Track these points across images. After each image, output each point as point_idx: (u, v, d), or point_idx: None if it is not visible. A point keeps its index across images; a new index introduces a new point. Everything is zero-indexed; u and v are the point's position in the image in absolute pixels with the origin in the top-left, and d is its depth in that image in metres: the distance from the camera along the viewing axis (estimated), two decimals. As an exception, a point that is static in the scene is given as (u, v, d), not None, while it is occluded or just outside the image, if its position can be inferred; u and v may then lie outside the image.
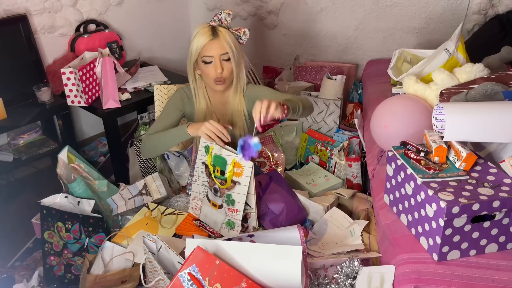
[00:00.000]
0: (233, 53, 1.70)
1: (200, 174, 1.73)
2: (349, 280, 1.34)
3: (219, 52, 1.69)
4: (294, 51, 3.07)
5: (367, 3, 2.68)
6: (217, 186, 1.65)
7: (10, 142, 2.42)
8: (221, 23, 1.71)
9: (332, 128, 2.54)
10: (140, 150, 1.89)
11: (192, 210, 1.79)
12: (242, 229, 1.64)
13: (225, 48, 1.69)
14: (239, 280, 1.20)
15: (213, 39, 1.68)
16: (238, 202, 1.61)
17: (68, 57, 2.53)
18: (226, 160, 1.61)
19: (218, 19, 1.71)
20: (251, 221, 1.65)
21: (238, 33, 1.73)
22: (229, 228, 1.64)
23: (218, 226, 1.68)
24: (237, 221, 1.63)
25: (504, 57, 2.05)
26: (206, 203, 1.72)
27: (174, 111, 1.86)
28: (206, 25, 1.72)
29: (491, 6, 2.41)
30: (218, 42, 1.68)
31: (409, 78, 1.75)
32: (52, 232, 1.78)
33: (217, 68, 1.70)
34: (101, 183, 1.98)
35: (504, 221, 1.23)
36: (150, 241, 1.40)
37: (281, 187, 1.75)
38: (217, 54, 1.69)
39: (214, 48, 1.69)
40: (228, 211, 1.65)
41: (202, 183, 1.73)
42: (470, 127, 1.31)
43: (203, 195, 1.74)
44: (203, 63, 1.72)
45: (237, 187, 1.61)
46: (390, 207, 1.50)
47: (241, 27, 1.76)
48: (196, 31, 1.72)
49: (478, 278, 1.19)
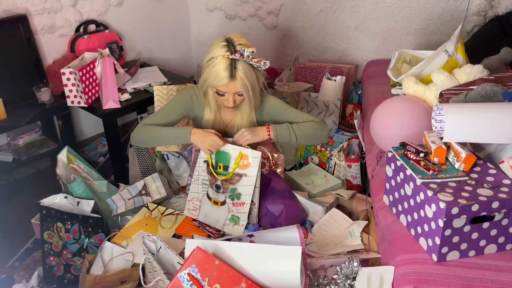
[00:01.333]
0: (247, 93, 1.66)
1: (200, 173, 1.73)
2: (348, 280, 1.35)
3: (233, 91, 1.66)
4: (293, 52, 3.07)
5: (367, 4, 2.68)
6: (219, 183, 1.66)
7: (10, 142, 2.42)
8: (243, 57, 1.62)
9: (331, 128, 2.54)
10: (131, 136, 1.81)
11: (188, 212, 1.78)
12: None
13: (239, 89, 1.65)
14: (238, 280, 1.20)
15: (230, 81, 1.62)
16: (244, 195, 1.63)
17: (68, 58, 2.53)
18: (231, 154, 1.64)
19: (240, 54, 1.61)
20: (252, 218, 1.66)
21: (258, 64, 1.65)
22: (233, 223, 1.65)
23: (220, 224, 1.68)
24: (242, 215, 1.64)
25: (504, 58, 2.05)
26: (207, 202, 1.72)
27: (178, 109, 1.83)
28: (226, 54, 1.61)
29: (490, 7, 2.42)
30: (234, 83, 1.63)
31: (408, 79, 1.75)
32: (51, 232, 1.78)
33: (229, 103, 1.69)
34: (101, 183, 1.99)
35: (503, 222, 1.23)
36: (149, 242, 1.41)
37: (280, 188, 1.76)
38: (231, 92, 1.67)
39: (229, 88, 1.65)
40: (232, 206, 1.66)
41: (202, 182, 1.73)
42: (469, 128, 1.31)
43: (202, 195, 1.74)
44: (216, 93, 1.70)
45: (243, 179, 1.63)
46: (389, 208, 1.50)
47: (263, 59, 1.65)
48: (215, 59, 1.62)
49: (477, 279, 1.19)
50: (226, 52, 1.61)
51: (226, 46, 1.63)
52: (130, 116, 3.01)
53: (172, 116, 1.82)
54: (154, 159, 2.27)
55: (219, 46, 1.64)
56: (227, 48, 1.62)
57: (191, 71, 3.43)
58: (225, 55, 1.61)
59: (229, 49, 1.62)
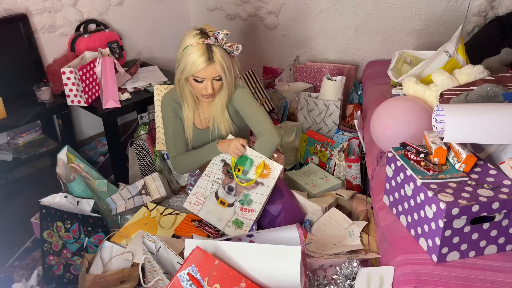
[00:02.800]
0: (225, 75, 1.67)
1: (214, 170, 1.73)
2: (348, 281, 1.34)
3: (211, 75, 1.66)
4: (294, 52, 3.07)
5: (367, 4, 2.68)
6: (233, 185, 1.67)
7: (10, 142, 2.42)
8: (217, 42, 1.64)
9: (331, 129, 2.54)
10: (175, 170, 1.95)
11: (189, 205, 1.76)
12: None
13: (218, 72, 1.66)
14: (238, 280, 1.20)
15: (209, 64, 1.63)
16: (256, 203, 1.66)
17: (68, 57, 2.53)
18: (254, 161, 1.68)
19: (215, 38, 1.63)
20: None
21: (231, 49, 1.67)
22: (236, 226, 1.66)
23: (222, 224, 1.69)
24: (248, 221, 1.65)
25: (504, 58, 2.05)
26: (212, 201, 1.72)
27: (173, 121, 1.86)
28: (201, 40, 1.63)
29: (491, 8, 2.42)
30: (213, 66, 1.64)
31: (409, 80, 1.75)
32: (51, 231, 1.78)
33: (208, 89, 1.68)
34: (101, 183, 1.98)
35: (503, 223, 1.23)
36: (149, 241, 1.40)
37: (279, 188, 1.76)
38: (209, 77, 1.67)
39: (208, 72, 1.65)
40: (240, 210, 1.67)
41: (214, 179, 1.73)
42: (470, 129, 1.31)
43: (210, 192, 1.73)
44: (194, 80, 1.69)
45: (259, 187, 1.67)
46: (389, 208, 1.50)
47: (235, 43, 1.69)
48: (191, 47, 1.64)
49: (477, 279, 1.19)
50: (200, 39, 1.63)
51: (198, 33, 1.65)
52: (130, 116, 3.01)
53: (176, 130, 1.86)
54: (154, 158, 2.27)
55: (191, 35, 1.66)
56: (200, 35, 1.65)
57: (191, 71, 3.42)
58: (199, 41, 1.63)
59: (202, 36, 1.64)
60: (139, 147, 2.31)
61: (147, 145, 2.30)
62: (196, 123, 1.87)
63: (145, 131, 2.37)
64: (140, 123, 2.47)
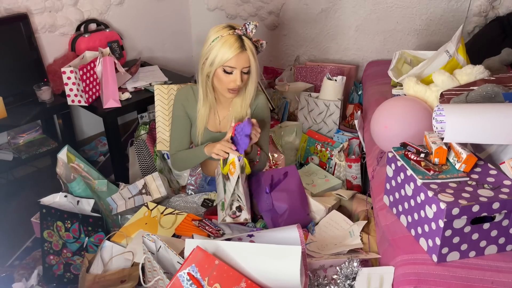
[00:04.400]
0: (255, 68, 1.66)
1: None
2: (348, 281, 1.34)
3: (242, 65, 1.64)
4: (294, 52, 3.07)
5: (368, 4, 2.68)
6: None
7: (10, 141, 2.42)
8: (246, 33, 1.64)
9: (332, 129, 2.54)
10: (172, 166, 2.00)
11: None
12: (233, 216, 1.67)
13: (249, 62, 1.65)
14: (238, 280, 1.20)
15: (241, 52, 1.62)
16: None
17: (69, 57, 2.53)
18: (229, 156, 1.70)
19: (245, 29, 1.64)
20: (243, 214, 1.67)
21: (256, 44, 1.68)
22: (220, 208, 1.70)
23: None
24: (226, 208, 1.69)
25: (505, 59, 2.05)
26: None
27: (181, 120, 1.85)
28: (231, 31, 1.62)
29: (491, 8, 2.42)
30: (245, 55, 1.63)
31: (409, 80, 1.75)
32: (51, 231, 1.78)
33: (237, 81, 1.65)
34: (101, 182, 1.98)
35: (503, 223, 1.23)
36: (149, 241, 1.40)
37: (293, 187, 1.74)
38: (240, 67, 1.64)
39: (239, 62, 1.63)
40: None
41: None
42: (470, 129, 1.31)
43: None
44: (223, 71, 1.66)
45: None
46: (389, 208, 1.50)
47: (260, 39, 1.70)
48: (221, 37, 1.62)
49: (477, 279, 1.19)
50: (230, 30, 1.63)
51: (227, 27, 1.65)
52: (131, 116, 3.01)
53: (183, 129, 1.87)
54: (154, 158, 2.27)
55: (219, 28, 1.65)
56: (229, 28, 1.64)
57: (192, 71, 3.43)
58: (229, 32, 1.62)
59: (231, 28, 1.64)
60: (140, 146, 2.31)
61: (148, 144, 2.30)
62: (209, 125, 1.85)
63: (145, 131, 2.37)
64: (140, 122, 2.47)
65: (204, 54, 1.68)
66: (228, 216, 1.68)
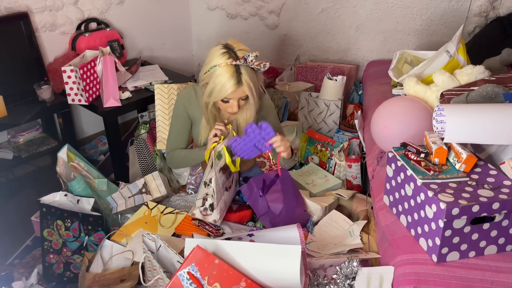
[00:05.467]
0: (252, 96, 1.65)
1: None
2: (348, 280, 1.34)
3: (239, 96, 1.64)
4: (294, 52, 3.07)
5: (368, 4, 2.68)
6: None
7: (10, 140, 2.42)
8: (246, 63, 1.60)
9: (332, 128, 2.54)
10: (167, 163, 1.97)
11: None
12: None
13: (246, 93, 1.63)
14: (238, 279, 1.20)
15: (237, 87, 1.59)
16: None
17: (69, 55, 2.54)
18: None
19: (244, 60, 1.58)
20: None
21: (258, 67, 1.63)
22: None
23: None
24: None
25: (505, 59, 2.05)
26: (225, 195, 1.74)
27: (181, 120, 1.84)
28: (229, 62, 1.57)
29: (492, 8, 2.42)
30: (241, 89, 1.61)
31: (409, 80, 1.75)
32: (51, 230, 1.78)
33: (234, 108, 1.66)
34: (101, 181, 1.98)
35: (503, 223, 1.23)
36: (149, 240, 1.40)
37: (286, 187, 1.74)
38: (236, 98, 1.64)
39: (235, 94, 1.62)
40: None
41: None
42: (470, 129, 1.31)
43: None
44: (220, 100, 1.66)
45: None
46: (389, 208, 1.50)
47: (263, 61, 1.63)
48: (219, 67, 1.58)
49: (477, 279, 1.19)
50: (228, 59, 1.57)
51: (226, 53, 1.59)
52: (131, 115, 3.02)
53: (182, 129, 1.85)
54: (154, 157, 2.27)
55: (219, 54, 1.59)
56: (228, 55, 1.58)
57: (192, 70, 3.43)
58: (227, 62, 1.57)
59: (230, 55, 1.58)
60: (140, 146, 2.31)
61: (148, 144, 2.30)
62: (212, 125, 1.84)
63: (145, 130, 2.37)
64: (140, 122, 2.47)
65: (203, 78, 1.66)
66: (198, 210, 1.67)
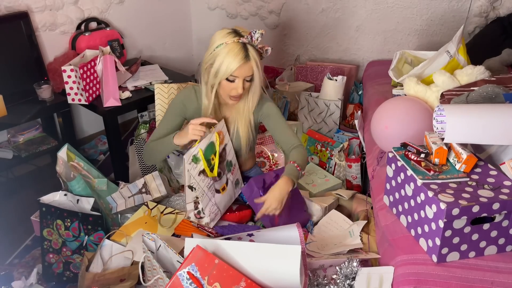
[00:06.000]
0: (258, 76, 1.64)
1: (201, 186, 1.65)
2: (348, 280, 1.34)
3: (245, 74, 1.61)
4: (295, 52, 3.07)
5: (368, 4, 2.68)
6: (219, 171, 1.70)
7: (10, 139, 2.42)
8: (252, 41, 1.60)
9: (332, 128, 2.54)
10: (142, 156, 1.88)
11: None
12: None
13: (252, 71, 1.62)
14: (238, 279, 1.20)
15: (245, 62, 1.58)
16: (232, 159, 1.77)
17: (69, 55, 2.53)
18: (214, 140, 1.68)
19: (250, 37, 1.59)
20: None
21: (261, 50, 1.64)
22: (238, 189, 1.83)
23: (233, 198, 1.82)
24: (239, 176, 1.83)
25: (505, 59, 2.05)
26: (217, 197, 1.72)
27: (174, 117, 1.80)
28: (236, 39, 1.58)
29: (492, 9, 2.42)
30: (248, 65, 1.59)
31: (410, 80, 1.75)
32: (51, 229, 1.78)
33: (239, 89, 1.63)
34: (101, 181, 1.98)
35: (503, 223, 1.23)
36: (149, 240, 1.40)
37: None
38: (242, 76, 1.61)
39: (242, 71, 1.59)
40: (231, 175, 1.75)
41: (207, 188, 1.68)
42: (470, 129, 1.31)
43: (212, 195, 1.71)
44: (225, 80, 1.63)
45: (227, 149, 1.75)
46: (389, 208, 1.50)
47: (266, 45, 1.65)
48: (226, 45, 1.58)
49: (477, 280, 1.19)
50: (235, 37, 1.58)
51: (232, 32, 1.60)
52: (131, 114, 3.01)
53: (170, 125, 1.79)
54: (154, 157, 2.27)
55: (224, 34, 1.61)
56: (234, 34, 1.60)
57: (192, 70, 3.43)
58: (234, 40, 1.58)
59: (236, 34, 1.59)
60: (140, 145, 2.31)
61: (148, 143, 2.30)
62: None
63: (145, 130, 2.37)
64: (140, 121, 2.47)
65: (208, 59, 1.65)
66: (192, 214, 1.67)
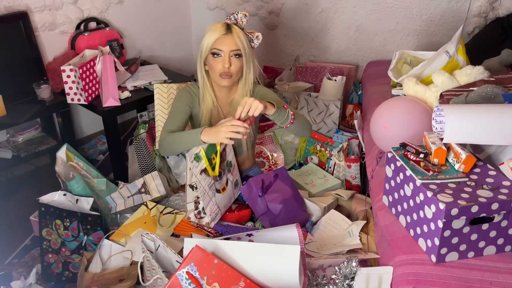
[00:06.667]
0: (244, 51, 1.68)
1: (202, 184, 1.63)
2: (347, 280, 1.34)
3: (229, 47, 1.67)
4: (294, 52, 3.07)
5: (368, 4, 2.68)
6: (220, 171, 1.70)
7: (9, 139, 2.42)
8: (236, 23, 1.70)
9: (331, 129, 2.54)
10: (158, 147, 1.86)
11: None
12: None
13: (237, 45, 1.67)
14: (237, 279, 1.20)
15: (226, 34, 1.67)
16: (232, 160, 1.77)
17: (68, 55, 2.53)
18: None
19: (234, 18, 1.70)
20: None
21: (251, 36, 1.71)
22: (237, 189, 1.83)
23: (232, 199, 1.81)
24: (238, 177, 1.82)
25: (504, 60, 2.05)
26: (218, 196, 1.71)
27: (184, 106, 1.80)
28: (221, 22, 1.71)
29: (491, 9, 2.42)
30: (231, 37, 1.67)
31: (409, 80, 1.75)
32: (50, 229, 1.78)
33: (225, 63, 1.67)
34: (100, 181, 1.98)
35: (502, 224, 1.23)
36: (148, 240, 1.40)
37: (284, 187, 1.74)
38: (227, 49, 1.67)
39: (225, 43, 1.66)
40: (231, 176, 1.75)
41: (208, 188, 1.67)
42: (469, 129, 1.31)
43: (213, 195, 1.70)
44: (212, 56, 1.69)
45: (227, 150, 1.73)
46: (389, 208, 1.50)
47: (255, 31, 1.73)
48: (210, 27, 1.70)
49: (476, 280, 1.19)
50: (220, 23, 1.71)
51: (220, 22, 1.72)
52: (130, 114, 3.01)
53: (182, 115, 1.80)
54: (153, 157, 2.27)
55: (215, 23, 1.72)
56: (222, 22, 1.72)
57: (192, 70, 3.42)
58: (220, 22, 1.70)
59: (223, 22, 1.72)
60: (139, 145, 2.31)
61: (147, 143, 2.30)
62: (213, 121, 1.83)
63: (145, 130, 2.37)
64: (140, 121, 2.47)
65: (199, 49, 1.73)
66: (193, 214, 1.67)
